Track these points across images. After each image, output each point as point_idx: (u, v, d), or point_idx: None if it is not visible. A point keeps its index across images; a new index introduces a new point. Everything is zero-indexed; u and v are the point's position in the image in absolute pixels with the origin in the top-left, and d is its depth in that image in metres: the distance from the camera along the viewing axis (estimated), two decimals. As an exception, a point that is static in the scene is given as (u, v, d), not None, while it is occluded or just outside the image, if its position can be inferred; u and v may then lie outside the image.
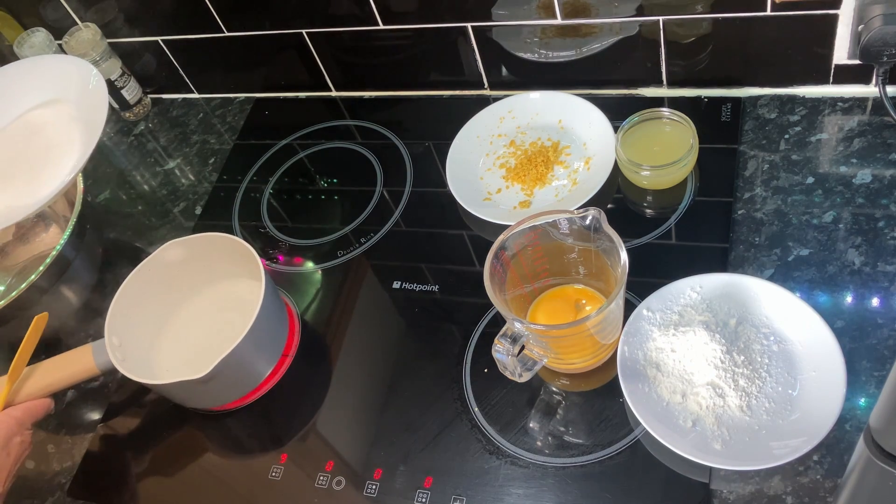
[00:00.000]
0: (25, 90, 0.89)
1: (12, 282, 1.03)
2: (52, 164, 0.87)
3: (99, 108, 0.82)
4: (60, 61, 0.87)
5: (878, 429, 0.48)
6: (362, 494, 0.76)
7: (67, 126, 0.86)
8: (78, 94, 0.85)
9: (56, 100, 0.87)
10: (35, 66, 0.89)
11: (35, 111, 0.88)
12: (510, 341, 0.67)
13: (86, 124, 0.84)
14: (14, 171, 0.91)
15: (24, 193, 0.87)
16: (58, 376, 0.82)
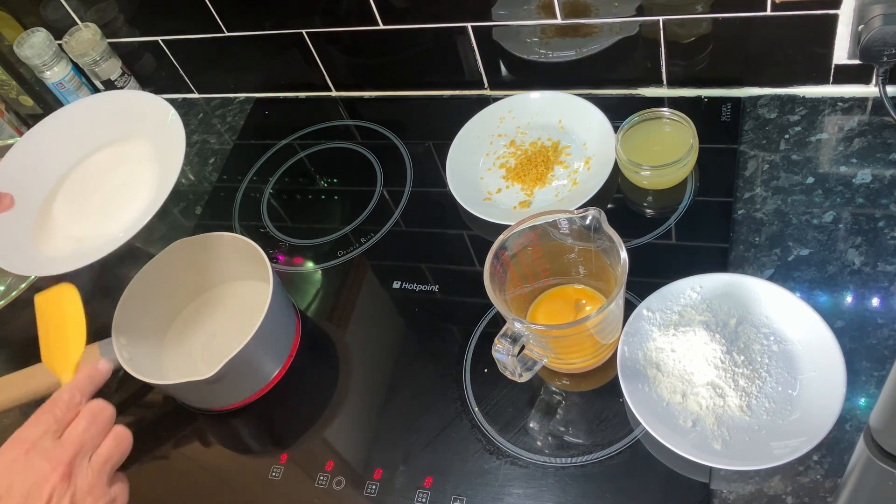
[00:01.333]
0: (101, 125, 0.87)
1: (12, 282, 1.03)
2: (127, 200, 0.87)
3: (176, 145, 0.81)
4: (137, 97, 0.86)
5: (878, 429, 0.48)
6: (362, 494, 0.76)
7: (143, 163, 0.86)
8: (154, 131, 0.84)
9: (131, 136, 0.86)
10: (110, 102, 0.88)
11: (110, 147, 0.87)
12: (510, 341, 0.67)
13: (162, 162, 0.83)
14: (88, 206, 0.90)
15: (97, 230, 0.87)
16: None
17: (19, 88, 1.18)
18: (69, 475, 0.54)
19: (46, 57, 1.11)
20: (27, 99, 1.19)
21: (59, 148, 0.86)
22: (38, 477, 0.53)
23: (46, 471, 0.54)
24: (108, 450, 0.59)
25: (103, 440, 0.59)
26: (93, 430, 0.58)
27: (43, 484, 0.53)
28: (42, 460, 0.54)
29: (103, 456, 0.58)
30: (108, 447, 0.59)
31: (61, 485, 0.54)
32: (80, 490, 0.55)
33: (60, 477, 0.54)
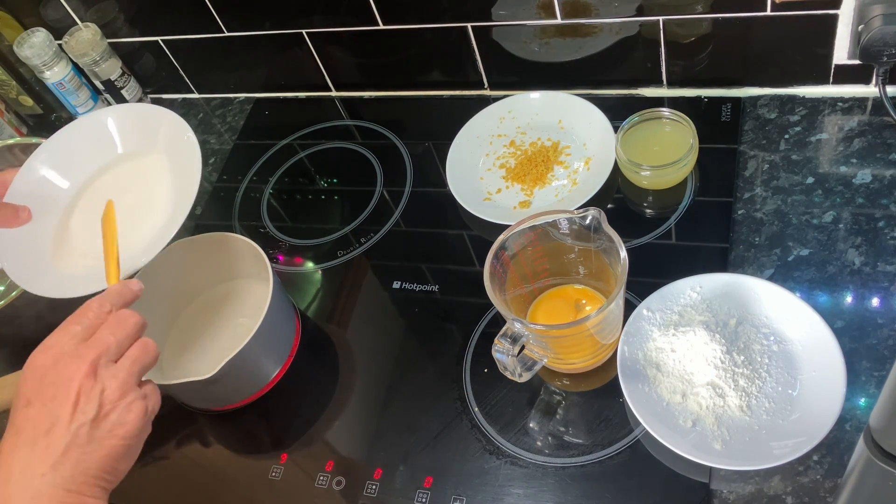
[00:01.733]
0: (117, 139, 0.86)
1: (12, 282, 1.03)
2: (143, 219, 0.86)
3: (193, 167, 0.80)
4: (153, 112, 0.84)
5: (878, 429, 0.48)
6: (362, 494, 0.76)
7: (159, 181, 0.85)
8: (170, 148, 0.83)
9: (147, 152, 0.85)
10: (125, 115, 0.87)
11: (127, 162, 0.86)
12: (510, 341, 0.67)
13: (178, 181, 0.83)
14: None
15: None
16: None
17: (19, 88, 1.18)
18: (95, 373, 0.55)
19: (46, 57, 1.11)
20: (27, 99, 1.19)
21: (75, 162, 0.85)
22: (65, 377, 0.54)
23: (72, 370, 0.54)
24: (135, 352, 0.59)
25: (131, 345, 0.59)
26: (119, 335, 0.59)
27: (70, 382, 0.54)
28: (69, 362, 0.55)
29: (130, 358, 0.58)
30: (136, 350, 0.59)
31: (87, 382, 0.55)
32: (108, 388, 0.55)
33: (85, 375, 0.55)
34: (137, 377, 0.58)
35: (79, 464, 0.53)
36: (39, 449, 0.52)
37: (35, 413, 0.54)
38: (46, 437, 0.52)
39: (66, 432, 0.53)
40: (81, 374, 0.55)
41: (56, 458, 0.52)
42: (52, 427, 0.53)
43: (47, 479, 0.51)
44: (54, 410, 0.53)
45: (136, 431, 0.57)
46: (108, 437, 0.55)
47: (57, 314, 0.99)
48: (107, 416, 0.55)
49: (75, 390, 0.54)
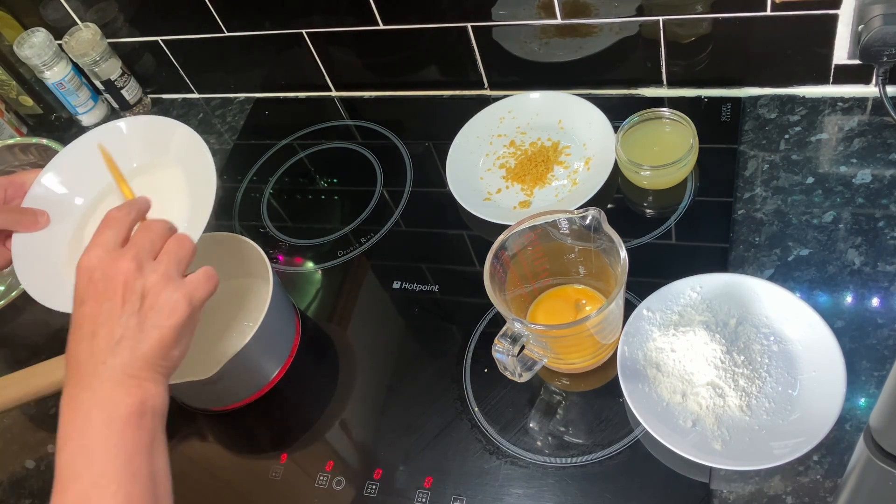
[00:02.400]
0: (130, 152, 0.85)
1: (12, 282, 1.03)
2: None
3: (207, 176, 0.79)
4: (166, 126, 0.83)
5: (878, 429, 0.48)
6: (362, 494, 0.76)
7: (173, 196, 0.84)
8: (181, 158, 0.82)
9: (161, 164, 0.84)
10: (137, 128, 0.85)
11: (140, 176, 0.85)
12: (510, 341, 0.67)
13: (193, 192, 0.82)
14: None
15: None
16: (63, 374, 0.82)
17: (19, 88, 1.18)
18: (137, 268, 0.59)
19: (46, 57, 1.11)
20: (27, 99, 1.19)
21: (87, 176, 0.83)
22: (111, 275, 0.58)
23: (116, 268, 0.58)
24: (171, 247, 0.62)
25: (163, 244, 0.62)
26: (152, 236, 0.62)
27: (115, 279, 0.58)
28: (112, 261, 0.59)
29: (167, 252, 0.61)
30: (171, 245, 0.62)
31: (131, 276, 0.58)
32: (151, 280, 0.59)
33: (128, 270, 0.58)
34: (177, 269, 0.61)
35: (134, 351, 0.57)
36: (99, 340, 0.57)
37: (89, 309, 0.58)
38: (103, 329, 0.57)
39: (119, 324, 0.57)
40: (124, 270, 0.58)
41: (113, 348, 0.57)
42: (107, 320, 0.57)
43: (108, 365, 0.56)
44: (105, 305, 0.58)
45: (183, 318, 0.60)
46: (156, 326, 0.58)
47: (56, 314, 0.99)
48: (152, 306, 0.58)
49: (121, 285, 0.58)
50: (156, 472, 0.56)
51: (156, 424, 0.57)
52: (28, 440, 0.91)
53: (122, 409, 0.55)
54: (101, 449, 0.54)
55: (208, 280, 0.63)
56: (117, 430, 0.55)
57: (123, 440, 0.54)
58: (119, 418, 0.55)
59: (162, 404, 0.58)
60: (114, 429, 0.54)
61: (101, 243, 0.61)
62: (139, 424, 0.55)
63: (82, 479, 0.53)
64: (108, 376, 0.56)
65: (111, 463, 0.53)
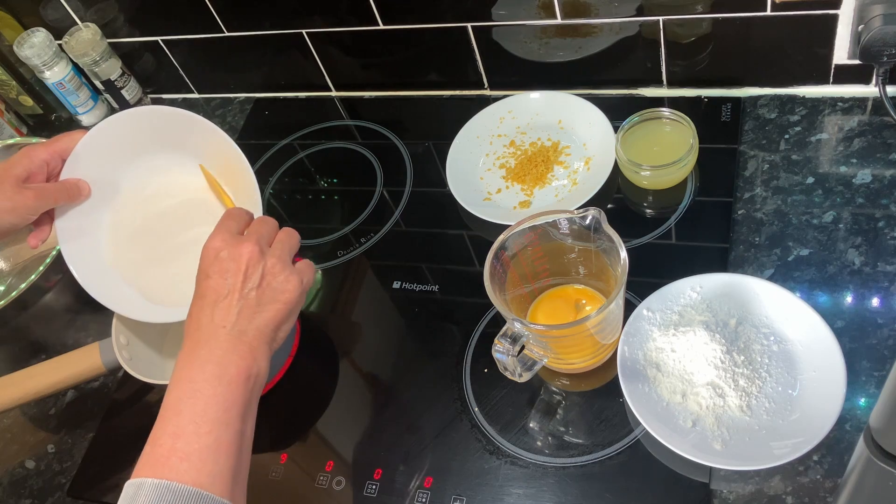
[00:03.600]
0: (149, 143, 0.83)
1: (12, 282, 1.03)
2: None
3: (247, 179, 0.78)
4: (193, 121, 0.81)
5: (878, 429, 0.48)
6: (362, 494, 0.76)
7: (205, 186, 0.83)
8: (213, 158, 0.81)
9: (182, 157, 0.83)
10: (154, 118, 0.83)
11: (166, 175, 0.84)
12: (510, 341, 0.67)
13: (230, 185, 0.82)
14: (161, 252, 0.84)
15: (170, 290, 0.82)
16: (64, 374, 0.83)
17: (19, 88, 1.18)
18: (259, 251, 0.66)
19: (46, 57, 1.11)
20: (27, 99, 1.19)
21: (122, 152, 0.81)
22: (235, 255, 0.65)
23: (241, 250, 0.66)
24: (283, 237, 0.70)
25: (276, 234, 0.70)
26: (266, 228, 0.70)
27: (240, 258, 0.65)
28: (237, 244, 0.66)
29: (281, 241, 0.69)
30: (283, 235, 0.70)
31: (253, 257, 0.66)
32: (269, 262, 0.66)
33: (251, 252, 0.66)
34: (289, 255, 0.69)
35: (251, 321, 0.64)
36: (220, 309, 0.64)
37: (214, 283, 0.65)
38: (225, 300, 0.64)
39: (240, 297, 0.64)
40: (248, 251, 0.66)
41: (234, 316, 0.64)
42: (229, 293, 0.64)
43: (227, 329, 0.63)
44: (229, 280, 0.65)
45: (295, 298, 0.67)
46: (272, 301, 0.66)
47: (57, 314, 1.00)
48: (269, 284, 0.66)
49: (245, 264, 0.65)
50: (245, 430, 0.61)
51: (255, 390, 0.63)
52: (28, 440, 0.91)
53: (232, 368, 0.62)
54: (208, 395, 0.60)
55: (311, 268, 0.71)
56: (225, 383, 0.61)
57: (228, 393, 0.61)
58: (228, 374, 0.61)
59: (264, 374, 0.65)
60: (222, 381, 0.61)
61: (225, 229, 0.68)
62: (244, 385, 0.62)
63: (183, 416, 0.59)
64: (226, 339, 0.63)
65: (212, 408, 0.59)
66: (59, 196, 0.77)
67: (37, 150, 0.76)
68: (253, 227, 0.70)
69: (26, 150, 0.76)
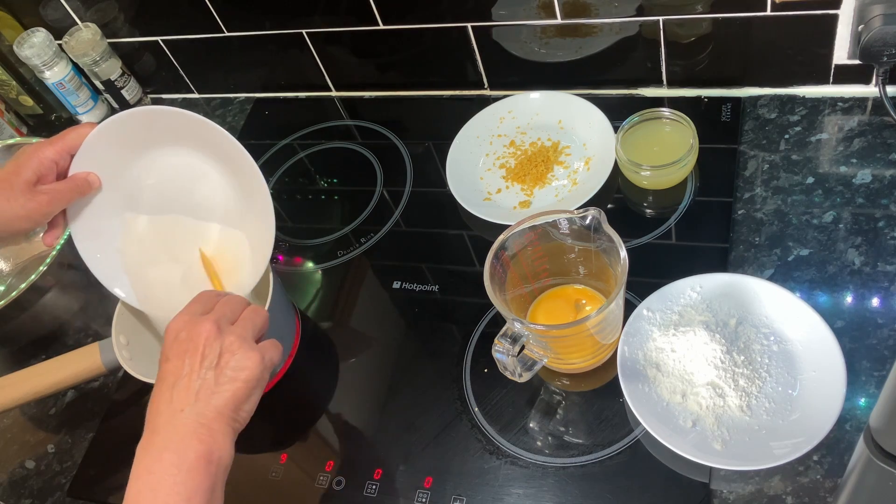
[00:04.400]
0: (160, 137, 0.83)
1: (12, 282, 1.03)
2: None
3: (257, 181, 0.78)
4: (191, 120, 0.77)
5: (878, 429, 0.48)
6: (362, 494, 0.76)
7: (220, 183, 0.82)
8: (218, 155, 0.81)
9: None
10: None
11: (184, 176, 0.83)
12: (510, 341, 0.67)
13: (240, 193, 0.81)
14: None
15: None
16: (64, 374, 0.82)
17: (19, 88, 1.17)
18: (217, 330, 0.65)
19: (46, 57, 1.11)
20: (27, 99, 1.19)
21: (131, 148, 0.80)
22: (194, 335, 0.65)
23: (199, 329, 0.65)
24: (248, 314, 0.69)
25: (242, 312, 0.69)
26: (230, 307, 0.69)
27: (198, 338, 0.64)
28: (196, 324, 0.65)
29: (244, 319, 0.68)
30: (248, 313, 0.69)
31: (211, 336, 0.64)
32: (228, 340, 0.65)
33: (209, 331, 0.65)
34: (252, 333, 0.67)
35: (209, 401, 0.62)
36: (179, 390, 0.63)
37: (173, 365, 0.64)
38: (183, 381, 0.63)
39: (198, 377, 0.63)
40: (206, 331, 0.64)
41: (192, 397, 0.62)
42: (187, 374, 0.63)
43: (184, 413, 0.61)
44: (187, 361, 0.64)
45: (255, 376, 0.65)
46: (231, 380, 0.64)
47: (56, 315, 0.99)
48: (227, 363, 0.64)
49: (202, 344, 0.64)
50: None
51: (219, 474, 0.61)
52: (28, 440, 0.91)
53: (191, 454, 0.59)
54: (167, 485, 0.58)
55: (276, 347, 0.69)
56: (184, 471, 0.59)
57: (188, 481, 0.59)
58: (187, 461, 0.59)
59: (228, 457, 0.62)
60: (182, 469, 0.59)
61: (188, 311, 0.67)
62: (205, 470, 0.60)
63: None
64: (183, 423, 0.61)
65: (173, 499, 0.58)
66: (73, 195, 0.76)
67: (44, 150, 0.75)
68: (217, 306, 0.68)
69: (34, 150, 0.75)
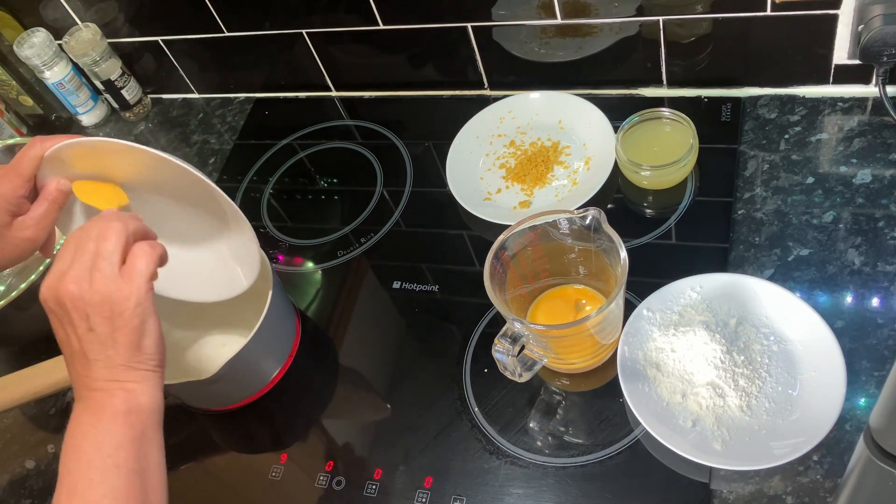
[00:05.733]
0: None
1: (12, 282, 1.03)
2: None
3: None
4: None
5: (878, 429, 0.48)
6: (362, 494, 0.76)
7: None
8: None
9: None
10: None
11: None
12: (510, 341, 0.67)
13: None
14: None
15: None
16: (64, 374, 0.82)
17: (19, 88, 1.18)
18: (75, 288, 0.59)
19: (46, 57, 1.11)
20: (27, 99, 1.19)
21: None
22: (58, 303, 0.60)
23: (58, 296, 0.60)
24: (101, 245, 0.61)
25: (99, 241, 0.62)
26: (85, 242, 0.62)
27: (63, 304, 0.59)
28: (54, 291, 0.60)
29: (99, 255, 0.61)
30: (101, 242, 0.61)
31: (71, 296, 0.59)
32: (89, 294, 0.59)
33: (69, 293, 0.59)
34: (111, 262, 0.60)
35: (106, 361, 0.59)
36: (75, 363, 0.60)
37: (59, 338, 0.61)
38: (76, 354, 0.60)
39: (85, 343, 0.59)
40: (66, 293, 0.59)
41: (87, 361, 0.59)
42: (74, 342, 0.60)
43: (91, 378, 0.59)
44: (67, 330, 0.60)
45: (131, 307, 0.59)
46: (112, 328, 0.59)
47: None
48: (99, 313, 0.59)
49: (69, 308, 0.59)
50: (145, 467, 0.58)
51: (145, 421, 0.59)
52: (28, 440, 0.91)
53: (106, 410, 0.58)
54: (89, 446, 0.57)
55: (147, 253, 0.62)
56: (102, 428, 0.58)
57: (108, 435, 0.57)
58: (104, 418, 0.58)
59: (149, 401, 0.60)
60: (99, 427, 0.58)
61: (51, 273, 0.61)
62: (125, 421, 0.58)
63: (73, 474, 0.57)
64: (93, 388, 0.59)
65: (96, 456, 0.57)
66: (54, 213, 0.72)
67: (3, 187, 0.71)
68: (74, 255, 0.61)
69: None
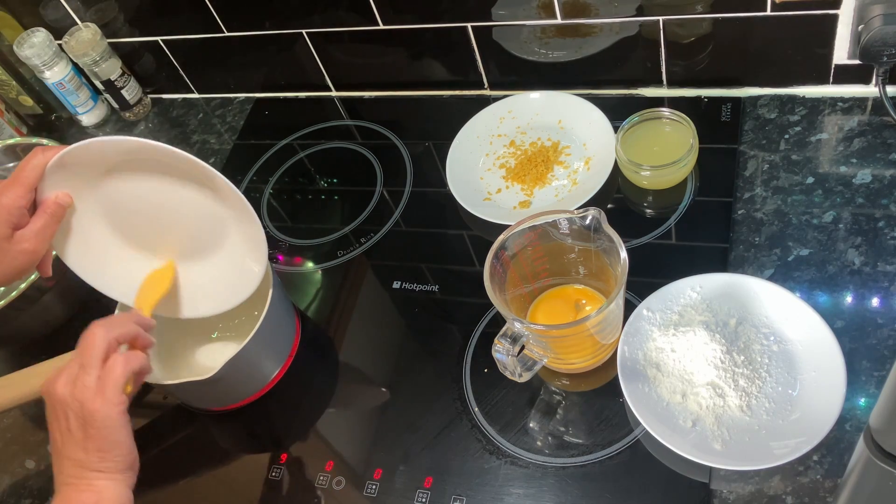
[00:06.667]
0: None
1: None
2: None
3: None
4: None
5: (878, 429, 0.48)
6: (362, 494, 0.76)
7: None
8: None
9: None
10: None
11: None
12: (510, 341, 0.67)
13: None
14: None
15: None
16: None
17: (19, 88, 1.18)
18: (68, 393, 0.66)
19: (46, 57, 1.11)
20: (27, 99, 1.19)
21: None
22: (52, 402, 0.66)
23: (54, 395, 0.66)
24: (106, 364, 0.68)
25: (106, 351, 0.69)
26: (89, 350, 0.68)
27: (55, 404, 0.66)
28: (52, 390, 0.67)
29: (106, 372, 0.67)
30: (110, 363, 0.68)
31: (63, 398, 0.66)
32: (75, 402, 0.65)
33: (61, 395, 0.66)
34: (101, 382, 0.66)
35: (78, 459, 0.65)
36: (58, 458, 0.66)
37: (51, 434, 0.67)
38: (58, 450, 0.66)
39: (65, 442, 0.65)
40: (59, 395, 0.66)
41: (64, 461, 0.65)
42: (59, 441, 0.66)
43: (65, 475, 0.65)
44: (54, 426, 0.66)
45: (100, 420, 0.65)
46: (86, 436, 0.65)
47: (56, 315, 0.99)
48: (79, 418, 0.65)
49: (59, 409, 0.66)
50: None
51: None
52: (28, 440, 0.91)
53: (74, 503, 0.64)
54: None
55: (121, 364, 0.67)
56: None
57: None
58: None
59: (116, 498, 0.64)
60: None
61: (57, 371, 0.67)
62: None
63: None
64: (66, 482, 0.65)
65: None
66: (53, 227, 0.73)
67: (6, 197, 0.71)
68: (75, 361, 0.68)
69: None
